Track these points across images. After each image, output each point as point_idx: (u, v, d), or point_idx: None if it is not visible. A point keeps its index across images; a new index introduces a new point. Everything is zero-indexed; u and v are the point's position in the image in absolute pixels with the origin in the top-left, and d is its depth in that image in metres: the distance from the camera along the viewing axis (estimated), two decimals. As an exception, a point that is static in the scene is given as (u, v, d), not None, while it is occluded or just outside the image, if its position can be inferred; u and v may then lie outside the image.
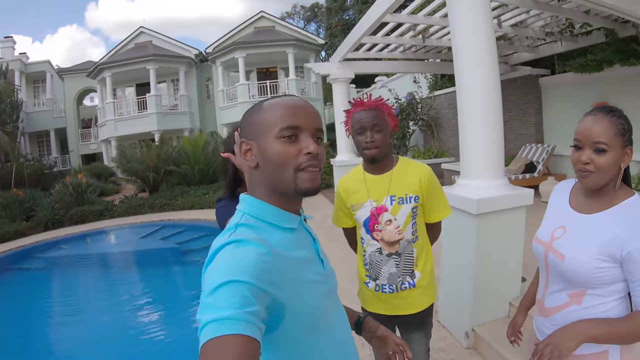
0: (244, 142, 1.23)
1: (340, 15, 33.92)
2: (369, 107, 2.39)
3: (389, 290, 2.46)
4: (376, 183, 2.45)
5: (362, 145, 2.39)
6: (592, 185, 1.68)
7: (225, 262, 0.99)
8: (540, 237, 1.91)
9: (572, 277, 1.70)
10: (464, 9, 3.68)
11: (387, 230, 2.40)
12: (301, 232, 1.30)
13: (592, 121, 1.65)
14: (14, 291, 9.13)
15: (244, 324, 0.86)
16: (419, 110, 14.49)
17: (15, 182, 18.98)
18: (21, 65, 29.92)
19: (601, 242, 1.62)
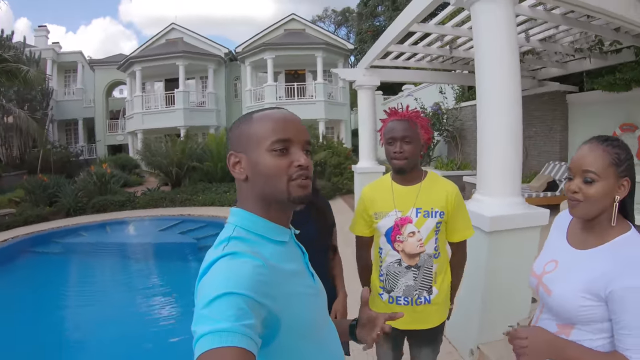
0: (232, 154, 1.24)
1: (371, 21, 33.81)
2: (401, 117, 2.40)
3: (403, 302, 2.44)
4: (403, 194, 2.44)
5: (390, 155, 2.40)
6: (580, 215, 1.66)
7: (221, 275, 0.99)
8: (534, 269, 1.90)
9: (559, 312, 1.69)
10: (487, 23, 3.67)
11: (408, 242, 2.38)
12: (291, 245, 1.31)
13: (585, 150, 1.64)
14: (31, 273, 9.44)
15: (240, 337, 0.86)
16: (444, 121, 14.42)
17: (41, 167, 19.32)
18: (54, 54, 30.46)
19: (587, 279, 1.59)
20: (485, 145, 3.75)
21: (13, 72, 13.19)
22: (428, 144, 2.51)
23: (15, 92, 22.63)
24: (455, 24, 6.91)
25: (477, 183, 3.88)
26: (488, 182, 3.74)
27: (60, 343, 5.92)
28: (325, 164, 15.61)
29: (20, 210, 13.18)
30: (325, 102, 24.74)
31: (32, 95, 24.14)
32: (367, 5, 34.49)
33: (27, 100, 23.92)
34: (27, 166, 21.66)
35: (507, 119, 3.59)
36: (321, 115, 24.26)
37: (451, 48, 8.03)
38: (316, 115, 24.09)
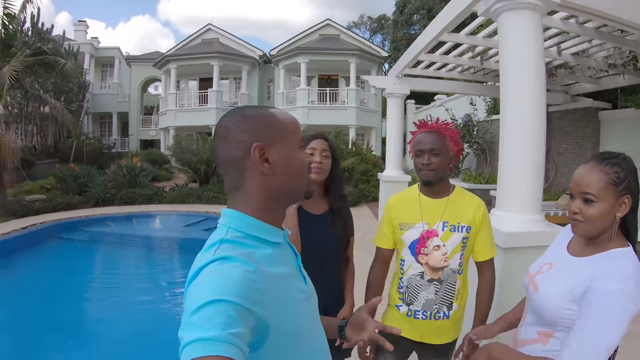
0: (259, 146, 1.16)
1: (406, 29, 33.64)
2: (430, 129, 2.37)
3: (422, 316, 2.39)
4: (431, 206, 2.41)
5: (418, 167, 2.38)
6: (581, 234, 1.67)
7: (211, 280, 0.96)
8: (530, 269, 1.92)
9: (542, 313, 1.69)
10: (513, 35, 3.57)
11: (433, 255, 2.34)
12: (285, 247, 1.29)
13: (583, 171, 1.65)
14: (56, 258, 9.70)
15: (227, 346, 0.84)
16: (474, 133, 14.26)
17: (74, 157, 19.76)
18: (92, 49, 31.25)
19: (573, 282, 1.60)
20: (507, 159, 3.66)
21: (50, 64, 13.47)
22: (458, 157, 2.48)
23: (53, 84, 23.23)
24: (487, 35, 6.78)
25: (497, 198, 3.76)
26: (507, 197, 3.64)
27: (78, 328, 6.01)
28: (353, 171, 15.59)
29: (50, 197, 13.52)
30: (357, 109, 24.71)
31: (69, 87, 24.74)
32: (402, 13, 34.32)
33: (64, 92, 24.53)
34: (60, 155, 22.21)
35: (530, 133, 3.48)
36: (352, 122, 24.24)
37: (482, 59, 7.94)
38: (347, 121, 24.11)
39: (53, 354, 5.20)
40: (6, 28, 12.84)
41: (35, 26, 22.63)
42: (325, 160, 2.50)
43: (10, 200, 12.71)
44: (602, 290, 1.49)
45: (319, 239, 2.46)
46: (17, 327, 5.92)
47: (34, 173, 18.85)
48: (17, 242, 9.75)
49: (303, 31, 29.05)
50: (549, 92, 9.51)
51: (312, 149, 2.48)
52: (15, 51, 13.39)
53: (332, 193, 2.59)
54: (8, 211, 11.98)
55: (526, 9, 3.44)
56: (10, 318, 6.29)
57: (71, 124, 16.03)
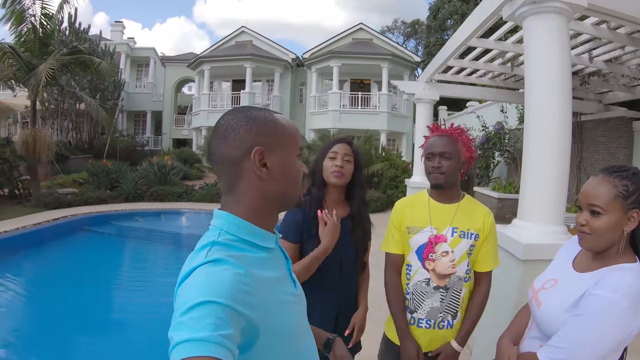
0: (260, 150, 1.16)
1: (440, 35, 33.30)
2: (442, 133, 2.35)
3: (425, 325, 2.34)
4: (440, 211, 2.36)
5: (429, 170, 2.34)
6: (588, 248, 1.63)
7: (202, 282, 0.96)
8: (534, 284, 1.88)
9: (545, 328, 1.66)
10: (538, 39, 3.50)
11: (440, 262, 2.28)
12: (276, 251, 1.29)
13: (592, 182, 1.62)
14: (85, 249, 9.92)
15: (217, 347, 0.85)
16: (505, 141, 14.05)
17: (107, 153, 20.21)
18: (128, 49, 31.98)
19: (576, 296, 1.57)
20: (529, 168, 3.54)
21: (86, 63, 13.82)
22: (470, 164, 2.43)
23: (89, 82, 23.84)
24: (516, 41, 6.63)
25: (519, 207, 3.63)
26: (528, 207, 3.51)
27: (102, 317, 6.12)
28: (381, 176, 15.52)
29: (82, 190, 13.88)
30: (389, 114, 24.60)
31: (104, 85, 25.30)
32: (436, 18, 33.99)
33: (100, 90, 25.11)
34: (94, 151, 22.74)
35: (553, 141, 3.36)
36: (383, 127, 24.13)
37: (512, 65, 7.78)
38: (378, 126, 23.99)
39: (78, 340, 5.31)
40: (44, 27, 13.20)
41: (72, 26, 23.18)
42: (347, 164, 2.47)
43: (43, 192, 13.08)
44: (598, 296, 1.47)
45: (339, 244, 2.42)
46: (44, 313, 6.07)
47: (67, 167, 19.29)
48: (47, 232, 10.02)
49: (336, 35, 28.99)
50: (582, 100, 9.32)
51: (334, 153, 2.47)
52: (52, 49, 13.77)
53: (353, 198, 2.57)
54: (40, 203, 12.32)
55: (552, 12, 3.35)
56: (38, 304, 6.48)
57: (105, 121, 16.38)
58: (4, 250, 8.65)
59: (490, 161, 14.21)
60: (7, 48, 12.32)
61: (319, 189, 2.50)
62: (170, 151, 24.72)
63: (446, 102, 24.06)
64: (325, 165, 2.47)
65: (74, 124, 25.04)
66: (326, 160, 2.48)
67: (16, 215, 10.97)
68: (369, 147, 16.86)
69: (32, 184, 13.60)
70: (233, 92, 27.45)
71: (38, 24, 12.96)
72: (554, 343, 1.53)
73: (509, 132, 13.99)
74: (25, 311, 6.29)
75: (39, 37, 13.17)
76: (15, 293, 6.78)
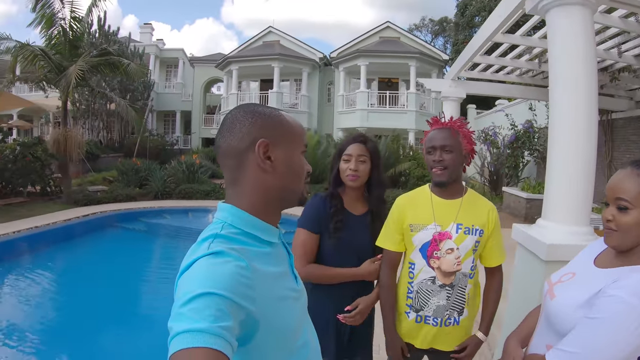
0: (265, 142, 1.17)
1: (468, 32, 32.89)
2: (442, 126, 2.30)
3: (432, 322, 2.29)
4: (443, 207, 2.30)
5: (430, 165, 2.28)
6: (614, 245, 1.53)
7: (203, 273, 0.97)
8: (551, 277, 1.79)
9: (554, 322, 1.58)
10: (561, 33, 3.40)
11: (446, 259, 2.23)
12: (279, 246, 1.29)
13: (619, 176, 1.52)
14: (114, 245, 10.12)
15: (216, 338, 0.84)
16: (535, 140, 13.78)
17: (137, 152, 20.49)
18: (157, 50, 32.71)
19: (591, 292, 1.47)
20: (553, 166, 3.42)
21: (115, 64, 14.06)
22: (471, 156, 2.36)
23: (119, 82, 24.42)
24: (543, 36, 6.40)
25: (543, 208, 3.53)
26: (553, 207, 3.40)
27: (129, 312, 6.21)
28: (409, 175, 15.42)
29: (112, 188, 14.16)
30: (417, 113, 24.45)
31: (134, 86, 25.87)
32: (464, 15, 33.67)
33: (130, 91, 25.72)
34: (124, 150, 23.22)
35: (578, 139, 3.25)
36: (411, 126, 24.00)
37: (540, 62, 7.56)
38: (407, 125, 23.88)
39: (104, 333, 5.37)
40: (73, 30, 13.47)
41: (101, 28, 23.88)
42: (362, 165, 2.45)
43: (74, 189, 13.34)
44: (615, 298, 1.36)
45: (358, 238, 2.46)
46: (72, 306, 6.19)
47: (98, 165, 19.69)
48: (77, 228, 10.25)
49: (363, 34, 28.98)
50: (612, 97, 9.09)
51: (348, 156, 2.46)
52: (82, 52, 14.04)
53: (371, 196, 2.56)
54: (71, 200, 12.58)
55: (575, 4, 3.24)
56: (67, 297, 6.63)
57: (135, 121, 16.65)
58: (35, 245, 8.86)
59: (519, 161, 13.97)
60: (38, 51, 12.58)
61: (336, 187, 2.51)
62: (199, 150, 25.00)
63: (475, 100, 23.83)
64: (341, 167, 2.47)
65: (105, 124, 25.56)
66: (341, 163, 2.48)
67: (47, 211, 11.16)
68: (397, 146, 16.74)
69: (63, 181, 13.84)
70: (261, 92, 27.72)
71: (67, 27, 13.20)
72: (564, 347, 1.43)
73: (538, 130, 13.71)
74: (55, 303, 6.39)
75: (69, 39, 13.42)
76: (45, 287, 6.89)
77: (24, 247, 8.66)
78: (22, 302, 6.18)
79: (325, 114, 28.89)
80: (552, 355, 1.46)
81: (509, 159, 13.80)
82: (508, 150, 13.81)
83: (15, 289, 6.63)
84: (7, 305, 6.05)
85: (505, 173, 14.16)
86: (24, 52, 12.39)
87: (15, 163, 12.40)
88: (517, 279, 3.65)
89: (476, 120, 22.96)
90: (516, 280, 3.69)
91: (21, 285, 6.76)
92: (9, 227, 9.05)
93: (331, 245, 2.41)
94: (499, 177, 14.39)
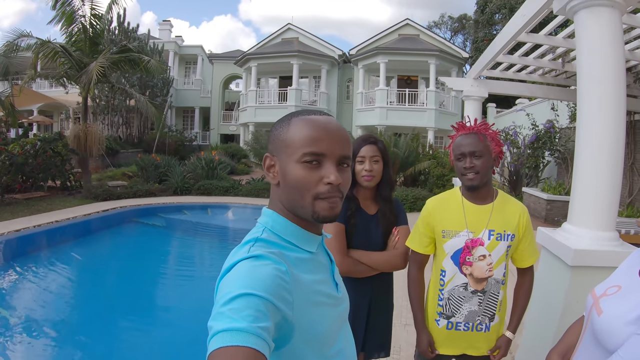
0: (268, 157, 1.21)
1: (488, 29, 32.60)
2: (469, 131, 2.26)
3: (464, 328, 2.30)
4: (475, 213, 2.28)
5: (461, 172, 2.25)
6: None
7: (243, 275, 0.98)
8: (595, 290, 1.70)
9: (603, 339, 1.46)
10: (589, 34, 3.32)
11: (478, 265, 2.22)
12: (320, 253, 1.28)
13: None
14: (133, 239, 10.27)
15: (255, 338, 0.85)
16: (556, 140, 13.58)
17: (156, 148, 20.68)
18: (175, 47, 32.97)
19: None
20: (580, 170, 3.36)
21: (135, 61, 14.27)
22: (500, 158, 2.32)
23: (139, 79, 24.71)
24: (567, 35, 6.33)
25: (569, 212, 3.46)
26: (578, 211, 3.35)
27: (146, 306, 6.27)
28: (428, 174, 15.33)
29: (131, 183, 14.35)
30: (436, 111, 24.35)
31: (153, 82, 26.13)
32: (483, 13, 33.34)
33: (149, 87, 25.99)
34: (143, 145, 23.42)
35: (606, 142, 3.18)
36: (431, 124, 23.89)
37: (564, 61, 7.43)
38: (426, 123, 23.78)
39: (121, 326, 5.45)
40: (93, 27, 13.69)
41: (121, 25, 24.19)
42: (376, 165, 2.48)
43: (93, 184, 13.54)
44: None
45: (372, 237, 2.51)
46: (91, 298, 6.29)
47: (117, 161, 19.88)
48: (97, 223, 10.38)
49: (382, 31, 28.91)
50: (636, 98, 8.93)
51: (361, 157, 2.47)
52: (102, 48, 14.27)
53: (379, 195, 2.59)
54: (90, 195, 12.74)
55: (604, 6, 3.19)
56: (85, 291, 6.71)
57: (154, 117, 16.76)
58: (55, 238, 8.99)
59: (539, 161, 13.73)
60: (59, 47, 12.78)
61: (351, 189, 2.51)
62: (217, 146, 25.10)
63: (495, 99, 23.63)
64: (356, 169, 2.49)
65: (124, 120, 25.79)
66: (356, 165, 2.49)
67: (67, 206, 11.33)
68: (416, 144, 16.64)
69: (83, 176, 14.04)
70: (280, 89, 27.74)
71: (88, 24, 13.41)
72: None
73: (559, 131, 13.49)
74: (74, 297, 6.46)
75: (89, 36, 13.63)
76: (64, 280, 6.98)
77: (44, 241, 8.77)
78: (42, 295, 6.23)
79: (344, 111, 28.85)
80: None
81: (529, 159, 13.60)
82: (528, 151, 13.63)
83: (36, 282, 6.69)
84: (29, 299, 6.10)
85: (525, 173, 13.98)
86: (44, 49, 12.60)
87: (35, 158, 12.52)
88: (540, 283, 3.59)
89: (496, 119, 22.77)
90: (539, 284, 3.62)
91: (41, 279, 6.83)
92: (29, 221, 9.19)
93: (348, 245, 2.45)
94: (518, 177, 14.20)
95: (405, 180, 15.78)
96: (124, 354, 4.79)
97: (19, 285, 6.60)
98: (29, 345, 4.71)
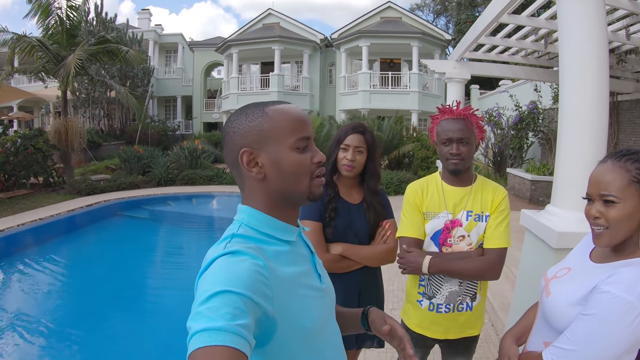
0: (246, 151, 1.15)
1: (471, 11, 32.54)
2: (457, 116, 2.24)
3: (445, 310, 2.29)
4: (454, 195, 2.31)
5: (446, 156, 2.25)
6: (606, 245, 1.47)
7: (220, 272, 0.97)
8: (547, 273, 1.77)
9: (551, 320, 1.55)
10: (571, 12, 3.28)
11: (458, 246, 2.25)
12: (299, 245, 1.27)
13: (600, 170, 1.48)
14: (118, 233, 10.25)
15: (234, 337, 0.84)
16: (539, 121, 13.63)
17: (139, 139, 20.59)
18: (155, 35, 32.50)
19: (587, 287, 1.44)
20: (563, 152, 3.34)
21: (113, 52, 14.19)
22: (481, 142, 2.37)
23: (118, 70, 24.41)
24: (550, 17, 6.35)
25: (552, 194, 3.49)
26: (562, 193, 3.34)
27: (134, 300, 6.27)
28: (412, 157, 15.36)
29: (115, 176, 14.25)
30: (420, 93, 24.31)
31: (134, 72, 25.88)
32: (466, -6, 33.39)
33: (129, 77, 25.74)
34: (126, 137, 23.28)
35: (588, 123, 3.19)
36: (414, 107, 23.85)
37: (546, 43, 7.43)
38: (409, 106, 23.75)
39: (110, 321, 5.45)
40: (70, 19, 13.54)
41: (99, 16, 23.87)
42: (359, 156, 2.47)
43: (76, 179, 13.41)
44: (610, 294, 1.34)
45: (356, 226, 2.49)
46: (78, 296, 6.31)
47: (100, 154, 19.73)
48: (81, 218, 10.31)
49: (364, 14, 28.75)
50: (619, 79, 8.98)
51: (346, 145, 2.46)
52: (80, 40, 14.09)
53: (365, 187, 2.57)
54: (74, 190, 12.65)
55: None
56: (73, 288, 6.70)
57: (136, 107, 16.66)
58: (40, 237, 8.90)
59: (523, 142, 13.81)
60: (36, 42, 12.64)
61: (332, 174, 2.53)
62: (201, 135, 25.05)
63: (478, 80, 23.66)
64: (339, 156, 2.48)
65: (106, 112, 25.55)
66: (340, 151, 2.48)
67: (51, 202, 11.22)
68: (400, 127, 16.67)
69: (65, 171, 13.95)
70: (262, 75, 27.44)
71: (64, 16, 13.26)
72: (560, 344, 1.42)
73: (543, 111, 13.55)
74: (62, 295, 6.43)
75: (66, 29, 13.49)
76: (52, 279, 6.94)
77: (29, 240, 8.70)
78: (31, 296, 6.23)
79: (327, 95, 28.76)
80: (549, 353, 1.46)
81: (513, 140, 13.68)
82: (512, 132, 13.69)
83: (22, 283, 6.68)
84: (16, 299, 6.09)
85: (510, 154, 14.05)
86: (21, 43, 12.48)
87: (16, 155, 12.40)
88: (525, 266, 3.63)
89: (479, 101, 22.83)
90: (524, 267, 3.67)
91: (28, 279, 6.80)
92: (13, 220, 9.11)
93: (329, 233, 2.43)
94: (502, 158, 14.28)
95: (389, 163, 15.82)
96: (114, 347, 4.78)
97: (5, 286, 6.56)
98: (19, 344, 4.72)
